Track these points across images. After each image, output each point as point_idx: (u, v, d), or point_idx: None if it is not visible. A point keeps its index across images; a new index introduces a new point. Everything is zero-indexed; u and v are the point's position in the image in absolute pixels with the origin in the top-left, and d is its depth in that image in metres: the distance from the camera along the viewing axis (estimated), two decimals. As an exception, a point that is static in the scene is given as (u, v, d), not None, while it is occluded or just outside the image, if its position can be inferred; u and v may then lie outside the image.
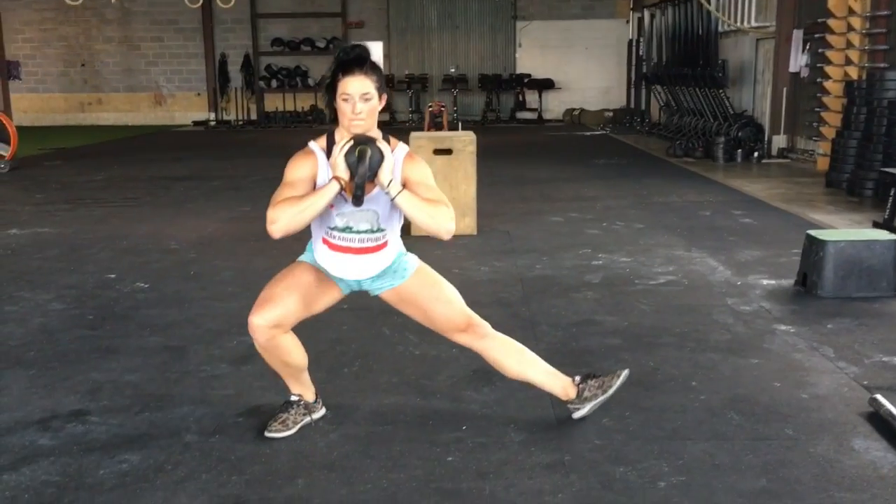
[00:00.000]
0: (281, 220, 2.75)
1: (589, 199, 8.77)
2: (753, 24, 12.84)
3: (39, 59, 21.65)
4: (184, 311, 4.81)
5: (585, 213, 7.91)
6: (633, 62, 19.59)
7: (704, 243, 6.46)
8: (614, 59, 21.05)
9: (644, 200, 8.64)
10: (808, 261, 5.04)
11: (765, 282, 5.30)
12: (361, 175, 2.72)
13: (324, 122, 20.56)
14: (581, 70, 21.19)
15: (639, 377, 3.65)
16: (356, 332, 4.42)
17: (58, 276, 5.68)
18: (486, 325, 3.13)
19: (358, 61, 2.81)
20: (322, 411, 3.29)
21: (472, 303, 3.47)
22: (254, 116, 21.02)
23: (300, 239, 3.09)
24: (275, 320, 2.93)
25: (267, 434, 3.13)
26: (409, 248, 3.18)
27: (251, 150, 14.59)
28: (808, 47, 11.50)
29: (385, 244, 3.01)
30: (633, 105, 19.73)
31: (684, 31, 14.43)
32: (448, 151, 6.88)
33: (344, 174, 2.77)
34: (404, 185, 2.84)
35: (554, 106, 21.32)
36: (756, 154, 12.02)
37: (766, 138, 12.50)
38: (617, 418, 3.26)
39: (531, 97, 21.17)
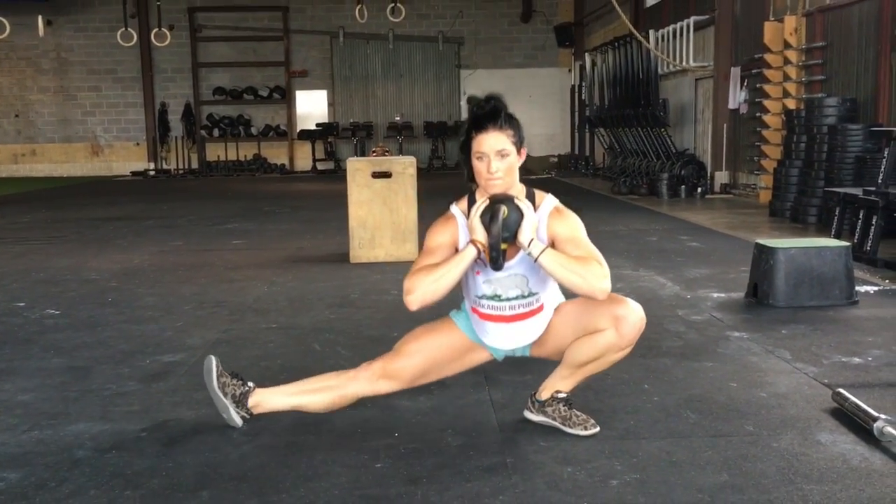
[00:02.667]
0: (417, 289, 2.54)
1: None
2: (692, 63, 13.00)
3: (-29, 109, 21.01)
4: (95, 335, 4.41)
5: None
6: (576, 108, 19.79)
7: (652, 263, 6.28)
8: (557, 107, 21.26)
9: (590, 230, 8.33)
10: (759, 270, 4.87)
11: (715, 295, 5.11)
12: (495, 236, 2.49)
13: (265, 171, 20.28)
14: (525, 117, 20.68)
15: (588, 382, 3.36)
16: (284, 348, 4.08)
17: (-39, 305, 5.23)
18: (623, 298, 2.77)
19: (492, 116, 2.57)
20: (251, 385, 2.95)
21: (415, 320, 3.15)
22: (195, 165, 20.60)
23: (233, 267, 2.78)
24: (416, 377, 2.82)
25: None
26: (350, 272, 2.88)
27: (189, 196, 14.17)
28: (745, 83, 11.65)
29: (541, 308, 2.73)
30: (577, 150, 19.86)
31: (626, 73, 14.57)
32: (387, 175, 6.63)
33: (481, 237, 2.53)
34: (552, 244, 2.58)
35: (499, 153, 21.33)
36: (700, 190, 12.04)
37: (708, 175, 12.56)
38: (564, 421, 2.97)
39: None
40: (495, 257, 2.52)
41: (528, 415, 2.93)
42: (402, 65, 21.39)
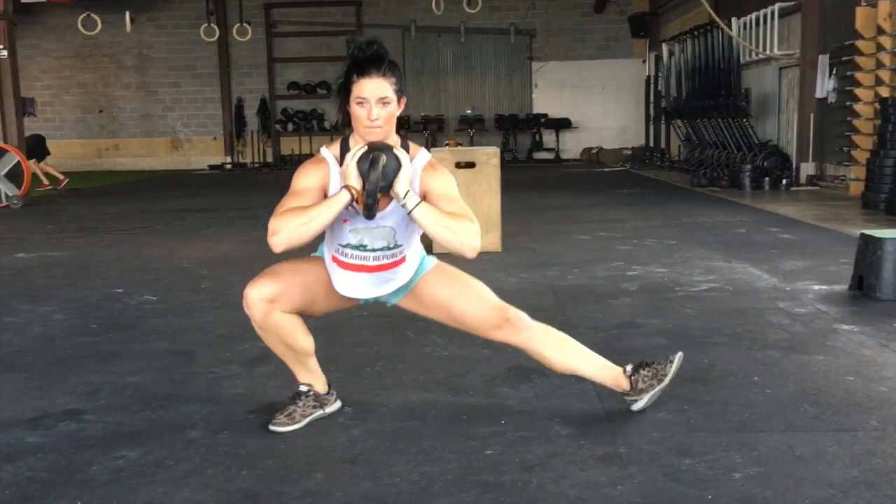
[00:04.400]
0: (284, 231, 2.41)
1: (615, 220, 8.44)
2: (777, 52, 12.62)
3: (58, 105, 21.76)
4: (193, 320, 4.49)
5: (613, 232, 7.57)
6: (651, 100, 19.43)
7: (744, 255, 6.09)
8: (632, 98, 20.91)
9: (673, 221, 8.30)
10: (864, 262, 4.67)
11: (816, 287, 4.93)
12: (374, 183, 2.40)
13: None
14: (598, 109, 21.04)
15: (693, 373, 3.29)
16: (378, 335, 4.08)
17: (62, 291, 5.39)
18: (525, 316, 2.76)
19: (375, 60, 2.49)
20: (336, 405, 2.95)
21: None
22: (270, 159, 20.94)
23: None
24: (271, 294, 2.61)
25: (271, 427, 2.78)
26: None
27: (267, 188, 14.39)
28: (834, 72, 11.24)
29: (402, 259, 2.69)
30: (651, 143, 19.51)
31: (705, 63, 14.22)
32: (471, 165, 6.59)
33: (356, 183, 2.45)
34: (424, 197, 2.51)
35: (571, 146, 21.15)
36: (784, 182, 11.69)
37: (793, 166, 12.18)
38: (674, 412, 2.89)
39: (548, 137, 21.02)
40: (371, 205, 2.41)
41: (637, 406, 2.85)
42: (473, 58, 21.33)
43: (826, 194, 10.84)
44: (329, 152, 2.63)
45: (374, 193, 2.41)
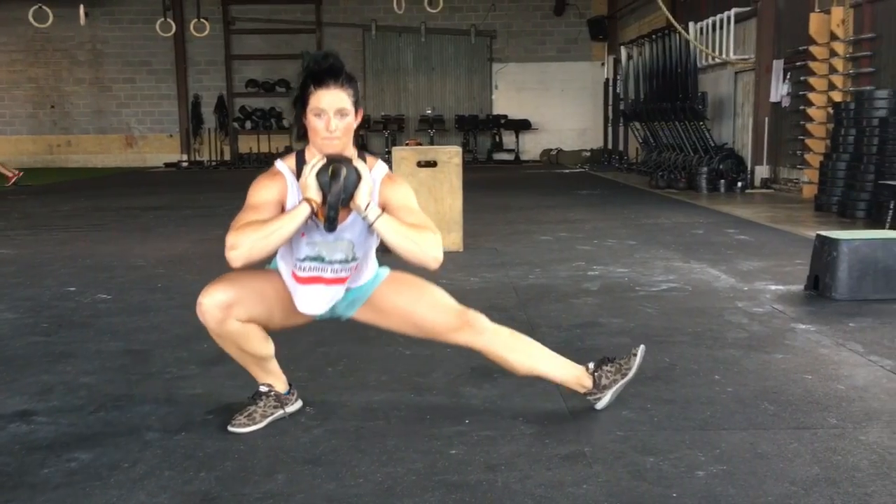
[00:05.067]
0: (242, 245, 2.35)
1: (576, 221, 8.49)
2: (733, 56, 12.81)
3: (8, 101, 21.24)
4: (149, 319, 4.40)
5: (574, 232, 7.61)
6: (610, 102, 19.61)
7: (702, 256, 6.16)
8: (590, 101, 21.09)
9: (633, 222, 8.36)
10: (820, 262, 4.75)
11: (773, 287, 5.00)
12: (335, 196, 2.37)
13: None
14: (557, 111, 21.17)
15: (655, 372, 3.31)
16: (339, 335, 4.02)
17: (12, 289, 5.25)
18: (484, 318, 2.74)
19: (332, 72, 2.45)
20: (298, 404, 2.90)
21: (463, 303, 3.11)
22: (227, 157, 20.68)
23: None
24: (226, 301, 2.54)
25: (230, 428, 2.73)
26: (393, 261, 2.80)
27: (224, 187, 14.20)
28: (788, 76, 11.45)
29: (357, 269, 2.66)
30: (610, 145, 19.69)
31: (663, 66, 14.40)
32: (432, 164, 6.57)
33: (315, 196, 2.40)
34: (383, 209, 2.48)
35: (531, 147, 21.25)
36: (739, 184, 11.87)
37: (748, 169, 12.38)
38: (637, 410, 2.90)
39: (508, 138, 21.09)
40: (332, 217, 2.39)
41: (600, 404, 2.86)
42: (433, 58, 21.31)
43: (780, 197, 11.03)
44: (285, 165, 2.58)
45: (335, 206, 2.39)
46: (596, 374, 2.85)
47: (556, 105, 21.20)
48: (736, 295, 4.80)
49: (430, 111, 21.02)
